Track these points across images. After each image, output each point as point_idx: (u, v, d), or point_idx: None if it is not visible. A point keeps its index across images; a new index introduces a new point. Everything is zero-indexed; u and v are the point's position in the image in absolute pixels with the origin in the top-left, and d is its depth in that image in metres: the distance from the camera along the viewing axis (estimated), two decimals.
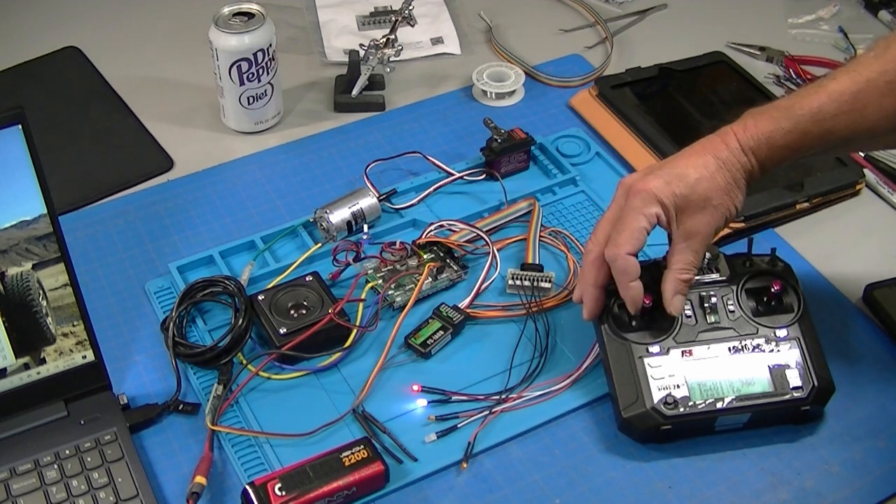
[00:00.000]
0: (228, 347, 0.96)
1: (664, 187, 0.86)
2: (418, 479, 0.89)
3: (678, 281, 0.90)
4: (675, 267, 0.90)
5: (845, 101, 0.86)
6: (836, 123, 0.86)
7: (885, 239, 1.12)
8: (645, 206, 0.87)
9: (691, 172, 0.87)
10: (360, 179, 1.14)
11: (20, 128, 0.85)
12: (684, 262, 0.89)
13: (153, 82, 1.32)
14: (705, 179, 0.87)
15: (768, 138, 0.87)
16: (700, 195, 0.87)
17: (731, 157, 0.88)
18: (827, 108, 0.86)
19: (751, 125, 0.88)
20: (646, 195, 0.86)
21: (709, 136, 0.90)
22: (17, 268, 0.88)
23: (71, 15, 1.43)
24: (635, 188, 0.87)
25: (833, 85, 0.87)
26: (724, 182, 0.87)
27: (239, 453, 0.90)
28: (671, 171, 0.88)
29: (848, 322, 1.02)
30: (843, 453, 0.91)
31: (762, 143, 0.87)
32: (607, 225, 0.89)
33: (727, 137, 0.88)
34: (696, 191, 0.87)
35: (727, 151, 0.88)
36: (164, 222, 1.12)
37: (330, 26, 1.40)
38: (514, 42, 1.38)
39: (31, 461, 0.87)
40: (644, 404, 0.89)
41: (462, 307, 1.01)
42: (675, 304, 0.90)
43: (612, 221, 0.89)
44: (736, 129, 0.89)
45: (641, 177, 0.88)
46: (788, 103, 0.88)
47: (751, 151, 0.87)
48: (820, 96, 0.87)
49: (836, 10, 1.44)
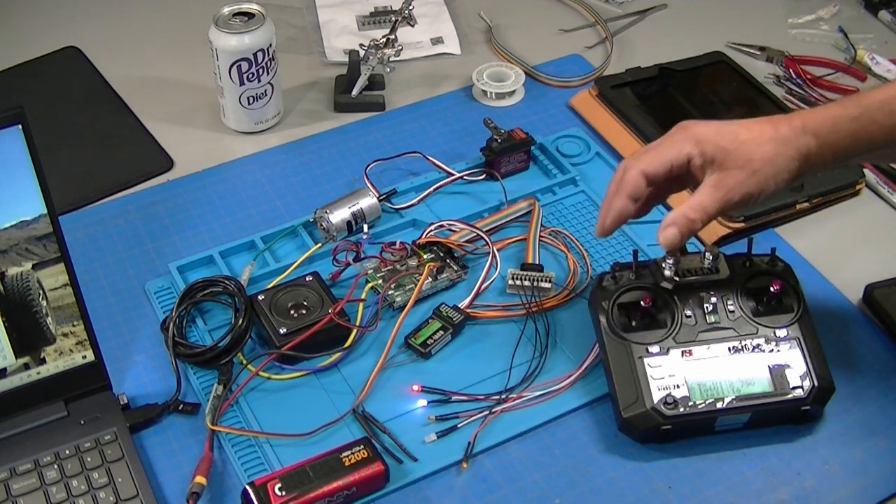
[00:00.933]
0: (228, 347, 0.96)
1: (712, 135, 0.86)
2: (418, 479, 0.89)
3: (683, 215, 0.87)
4: (688, 203, 0.87)
5: None
6: None
7: (885, 239, 1.12)
8: (684, 142, 0.87)
9: (743, 133, 0.86)
10: (360, 179, 1.14)
11: (20, 128, 0.85)
12: (699, 203, 0.86)
13: (153, 82, 1.32)
14: (753, 142, 0.86)
15: (834, 122, 0.86)
16: (743, 154, 0.85)
17: (790, 133, 0.86)
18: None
19: (818, 109, 0.88)
20: (689, 134, 0.87)
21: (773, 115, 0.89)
22: (17, 268, 0.88)
23: (71, 15, 1.43)
24: (686, 127, 0.88)
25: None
26: (773, 152, 0.86)
27: (239, 453, 0.90)
28: (727, 126, 0.87)
29: (848, 322, 1.02)
30: (843, 453, 0.91)
31: (826, 125, 0.86)
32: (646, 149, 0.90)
33: (792, 117, 0.87)
34: (741, 149, 0.85)
35: (788, 128, 0.86)
36: (164, 222, 1.12)
37: (330, 26, 1.41)
38: (514, 42, 1.38)
39: (31, 461, 0.87)
40: (644, 404, 0.89)
41: (462, 307, 1.01)
42: (667, 234, 0.87)
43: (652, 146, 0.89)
44: (804, 112, 0.88)
45: (698, 122, 0.88)
46: (857, 95, 0.88)
47: (812, 134, 0.86)
48: (891, 89, 0.86)
49: (836, 10, 1.44)
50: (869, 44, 1.38)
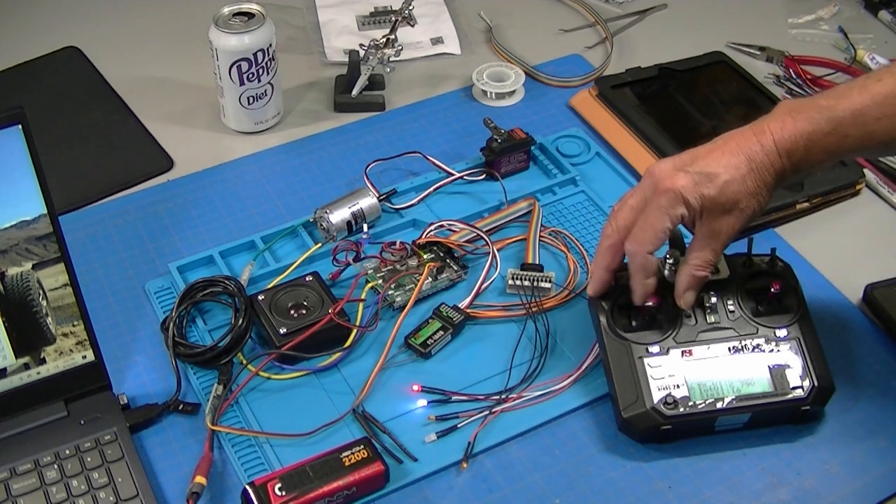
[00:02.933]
0: (228, 347, 0.96)
1: (692, 188, 0.85)
2: (418, 479, 0.89)
3: (693, 277, 0.89)
4: (692, 262, 0.89)
5: (890, 103, 0.83)
6: (879, 127, 0.84)
7: (885, 239, 1.12)
8: (671, 206, 0.85)
9: (721, 173, 0.85)
10: (360, 179, 1.14)
11: (20, 128, 0.85)
12: (702, 260, 0.88)
13: (153, 82, 1.32)
14: (735, 182, 0.85)
15: (807, 140, 0.84)
16: (728, 198, 0.85)
17: (764, 158, 0.85)
18: (870, 110, 0.83)
19: (789, 124, 0.85)
20: (673, 195, 0.85)
21: (743, 130, 0.87)
22: (17, 268, 0.88)
23: (71, 15, 1.43)
24: (663, 185, 0.85)
25: (877, 87, 0.84)
26: (754, 185, 0.85)
27: (239, 453, 0.90)
28: (701, 169, 0.85)
29: (848, 322, 1.02)
30: (843, 453, 0.91)
31: (799, 144, 0.84)
32: (629, 213, 0.88)
33: (763, 136, 0.85)
34: (724, 193, 0.85)
35: (761, 153, 0.85)
36: (164, 222, 1.12)
37: (330, 26, 1.41)
38: (514, 42, 1.38)
39: (31, 461, 0.87)
40: (644, 404, 0.89)
41: (462, 307, 1.01)
42: (687, 298, 0.90)
43: (634, 210, 0.88)
44: (773, 126, 0.85)
45: (670, 172, 0.86)
46: (829, 103, 0.85)
47: (786, 154, 0.85)
48: (863, 97, 0.84)
49: (836, 10, 1.44)
50: (869, 44, 1.38)
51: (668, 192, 0.85)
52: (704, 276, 0.89)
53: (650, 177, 0.87)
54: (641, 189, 0.88)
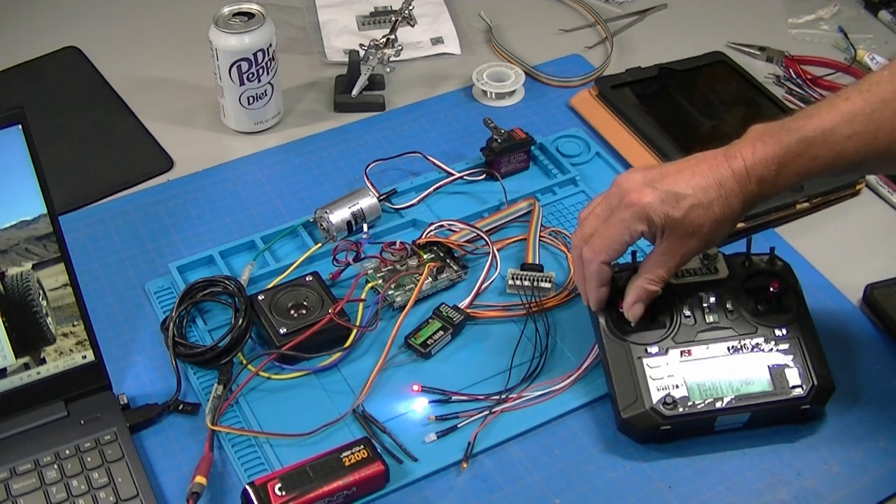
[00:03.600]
0: (228, 347, 0.96)
1: (658, 206, 0.84)
2: (418, 479, 0.89)
3: (644, 289, 0.89)
4: (644, 275, 0.89)
5: (859, 121, 0.82)
6: (849, 146, 0.82)
7: (885, 239, 1.12)
8: (633, 221, 0.85)
9: (689, 196, 0.84)
10: (360, 179, 1.14)
11: (20, 128, 0.85)
12: (655, 275, 0.89)
13: (153, 82, 1.32)
14: (701, 207, 0.84)
15: (778, 164, 0.83)
16: (692, 221, 0.84)
17: (734, 185, 0.84)
18: (840, 129, 0.82)
19: (759, 148, 0.83)
20: (637, 210, 0.85)
21: (715, 153, 0.85)
22: (17, 268, 0.88)
23: (71, 15, 1.43)
24: (629, 198, 0.85)
25: (845, 105, 0.83)
26: (720, 213, 0.84)
27: (239, 453, 0.90)
28: (670, 187, 0.84)
29: (848, 322, 1.02)
30: (843, 453, 0.91)
31: (770, 168, 0.83)
32: (595, 221, 0.88)
33: (734, 161, 0.84)
34: (688, 217, 0.84)
35: (731, 179, 0.83)
36: (164, 222, 1.12)
37: (330, 26, 1.41)
38: (514, 42, 1.38)
39: (31, 461, 0.87)
40: (643, 404, 0.89)
41: (462, 307, 1.01)
42: (635, 311, 0.90)
43: (600, 220, 0.88)
44: (744, 151, 0.84)
45: (639, 186, 0.85)
46: (798, 124, 0.83)
47: (756, 179, 0.84)
48: (832, 116, 0.82)
49: (836, 10, 1.44)
50: (869, 44, 1.38)
51: (632, 205, 0.85)
52: (655, 290, 0.89)
53: (618, 187, 0.87)
54: (609, 197, 0.88)
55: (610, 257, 0.88)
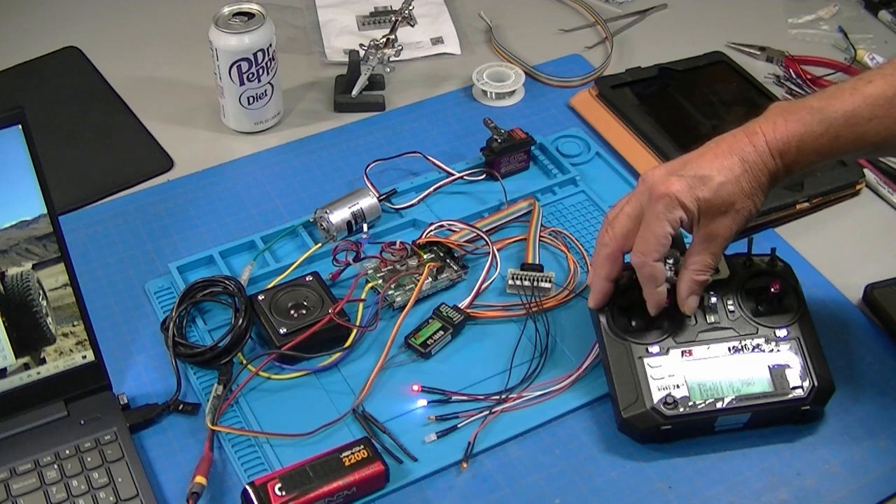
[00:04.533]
0: (228, 347, 0.96)
1: (687, 191, 0.85)
2: (418, 479, 0.89)
3: (694, 281, 0.89)
4: (692, 267, 0.89)
5: (881, 105, 0.83)
6: (870, 128, 0.83)
7: (885, 239, 1.12)
8: (669, 211, 0.85)
9: (715, 175, 0.85)
10: (360, 179, 1.14)
11: (20, 128, 0.85)
12: (702, 264, 0.88)
13: (153, 82, 1.32)
14: (730, 183, 0.85)
15: (799, 141, 0.84)
16: (723, 199, 0.85)
17: (757, 159, 0.85)
18: (861, 111, 0.83)
19: (780, 125, 0.85)
20: (669, 200, 0.85)
21: (734, 132, 0.87)
22: (17, 268, 0.88)
23: (71, 15, 1.43)
24: (658, 191, 0.85)
25: (868, 88, 0.84)
26: (749, 186, 0.85)
27: (239, 453, 0.90)
28: (695, 172, 0.85)
29: (848, 322, 1.02)
30: (843, 453, 0.91)
31: (791, 145, 0.84)
32: (626, 221, 0.88)
33: (755, 137, 0.85)
34: (719, 195, 0.85)
35: (754, 153, 0.85)
36: (164, 222, 1.12)
37: (330, 26, 1.41)
38: (514, 42, 1.38)
39: (31, 461, 0.87)
40: (644, 404, 0.89)
41: (462, 307, 1.01)
42: (690, 303, 0.90)
43: (632, 218, 0.88)
44: (765, 127, 0.85)
45: (664, 177, 0.86)
46: (820, 104, 0.85)
47: (779, 154, 0.85)
48: (855, 99, 0.84)
49: (836, 10, 1.44)
50: (869, 44, 1.38)
51: (663, 196, 0.85)
52: (705, 279, 0.89)
53: (644, 183, 0.87)
54: (637, 196, 0.88)
55: (660, 254, 0.87)
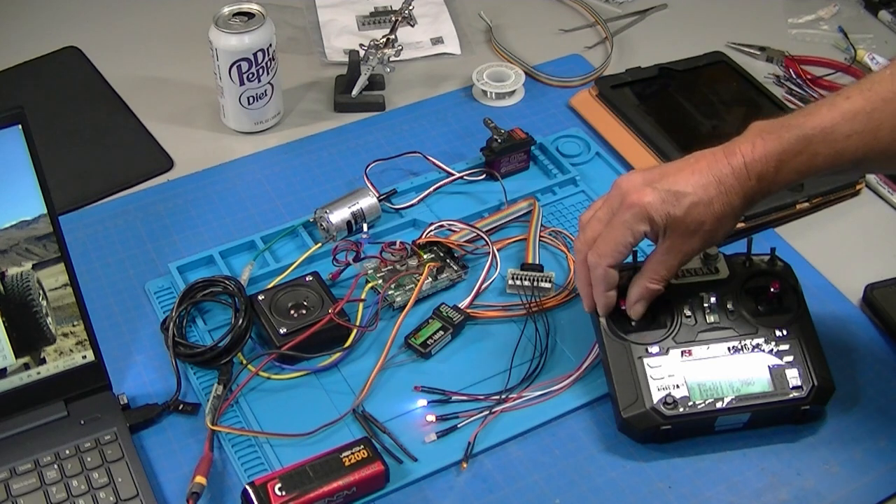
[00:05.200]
0: (228, 347, 0.96)
1: (659, 205, 0.84)
2: (418, 479, 0.89)
3: (646, 288, 0.90)
4: (647, 275, 0.89)
5: (859, 120, 0.82)
6: (849, 145, 0.82)
7: (885, 239, 1.12)
8: (635, 222, 0.85)
9: (689, 194, 0.84)
10: (360, 179, 1.14)
11: (20, 128, 0.85)
12: (657, 274, 0.89)
13: (153, 82, 1.32)
14: (702, 204, 0.84)
15: (777, 160, 0.83)
16: (693, 219, 0.85)
17: (734, 182, 0.84)
18: (840, 127, 0.82)
19: (759, 145, 0.84)
20: (638, 211, 0.85)
21: (714, 151, 0.86)
22: (17, 268, 0.88)
23: (71, 15, 1.43)
24: (629, 200, 0.85)
25: (846, 104, 0.83)
26: (721, 209, 0.85)
27: (239, 453, 0.90)
28: (670, 187, 0.85)
29: (848, 322, 1.02)
30: (843, 453, 0.91)
31: (770, 165, 0.84)
32: (597, 225, 0.88)
33: (733, 158, 0.84)
34: (690, 214, 0.84)
35: (731, 176, 0.84)
36: (164, 222, 1.12)
37: (330, 26, 1.41)
38: (514, 42, 1.38)
39: (31, 461, 0.87)
40: (644, 404, 0.89)
41: (462, 307, 1.01)
42: (637, 309, 0.91)
43: (602, 223, 0.88)
44: (744, 148, 0.84)
45: (639, 186, 0.85)
46: (798, 121, 0.84)
47: (756, 176, 0.84)
48: (833, 115, 0.83)
49: (836, 10, 1.44)
50: (869, 44, 1.38)
51: (633, 206, 0.85)
52: (657, 289, 0.90)
53: (618, 189, 0.87)
54: (609, 201, 0.88)
55: (616, 260, 0.88)
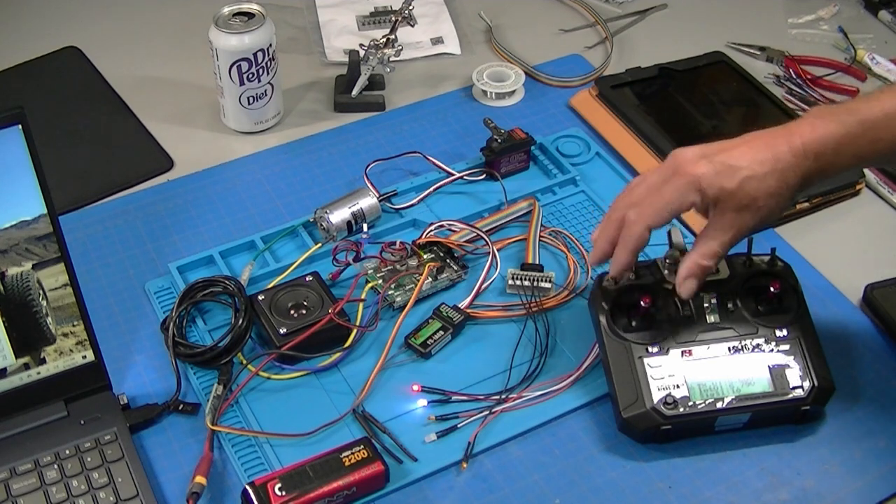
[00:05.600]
0: (228, 347, 0.96)
1: (713, 177, 0.83)
2: (418, 479, 0.89)
3: (697, 265, 0.87)
4: (698, 250, 0.87)
5: None
6: None
7: (885, 239, 1.12)
8: (686, 191, 0.84)
9: (744, 168, 0.83)
10: (360, 179, 1.14)
11: (20, 128, 0.85)
12: (709, 249, 0.87)
13: (153, 82, 1.32)
14: (756, 179, 0.83)
15: (836, 143, 0.83)
16: (746, 193, 0.84)
17: (791, 159, 0.83)
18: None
19: (819, 126, 0.84)
20: (691, 180, 0.84)
21: (772, 130, 0.85)
22: (17, 268, 0.88)
23: (71, 15, 1.43)
24: (683, 169, 0.84)
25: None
26: (776, 186, 0.84)
27: (239, 453, 0.90)
28: (725, 160, 0.84)
29: (848, 322, 1.02)
30: (843, 453, 0.91)
31: (829, 146, 0.83)
32: (645, 191, 0.87)
33: (791, 138, 0.84)
34: (743, 188, 0.83)
35: (789, 153, 0.83)
36: (164, 222, 1.12)
37: (330, 26, 1.41)
38: (514, 42, 1.38)
39: (31, 461, 0.87)
40: (644, 404, 0.89)
41: (462, 307, 1.01)
42: (686, 286, 0.88)
43: (651, 188, 0.86)
44: (802, 128, 0.84)
45: (694, 157, 0.84)
46: (859, 106, 0.84)
47: (814, 156, 0.83)
48: (894, 101, 0.83)
49: (836, 10, 1.44)
50: (869, 44, 1.38)
51: (686, 175, 0.84)
52: (709, 266, 0.88)
53: (673, 159, 0.86)
54: (662, 170, 0.87)
55: (655, 223, 0.86)
